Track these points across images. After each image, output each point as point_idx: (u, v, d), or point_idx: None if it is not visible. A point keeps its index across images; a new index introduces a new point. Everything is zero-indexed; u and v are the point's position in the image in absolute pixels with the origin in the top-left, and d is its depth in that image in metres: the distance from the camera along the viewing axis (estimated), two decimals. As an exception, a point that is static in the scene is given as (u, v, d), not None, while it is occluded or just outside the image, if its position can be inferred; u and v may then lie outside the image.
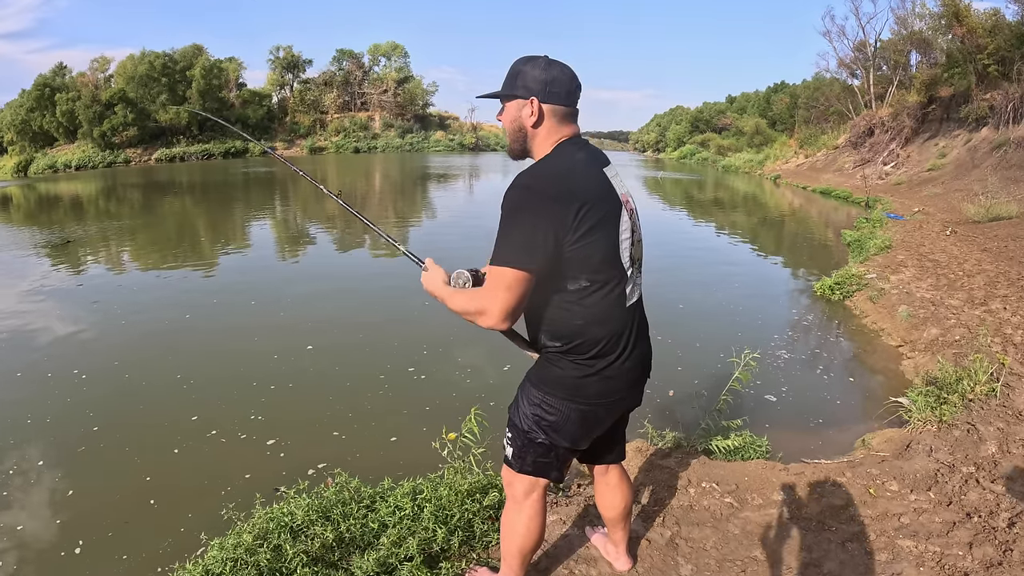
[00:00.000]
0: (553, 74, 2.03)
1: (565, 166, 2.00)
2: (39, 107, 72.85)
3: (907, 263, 10.28)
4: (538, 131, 2.07)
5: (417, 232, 17.10)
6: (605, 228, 1.99)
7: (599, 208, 1.97)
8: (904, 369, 6.43)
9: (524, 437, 2.23)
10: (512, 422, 2.28)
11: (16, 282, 11.13)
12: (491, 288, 1.95)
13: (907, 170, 27.52)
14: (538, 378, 2.20)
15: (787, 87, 59.28)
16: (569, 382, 2.12)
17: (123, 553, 3.88)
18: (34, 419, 5.64)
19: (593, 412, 2.17)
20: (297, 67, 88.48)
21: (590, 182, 2.00)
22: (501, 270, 1.91)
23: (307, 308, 9.12)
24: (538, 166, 2.03)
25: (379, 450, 5.01)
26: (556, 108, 2.05)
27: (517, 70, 2.07)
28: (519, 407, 2.25)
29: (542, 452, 2.22)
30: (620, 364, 2.13)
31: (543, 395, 2.17)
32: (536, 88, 2.03)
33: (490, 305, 1.94)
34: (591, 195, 1.96)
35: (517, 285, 1.91)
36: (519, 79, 2.05)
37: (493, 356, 6.69)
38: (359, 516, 3.07)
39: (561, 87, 2.04)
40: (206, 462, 4.93)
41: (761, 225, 18.86)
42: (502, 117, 2.14)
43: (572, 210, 1.91)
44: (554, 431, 2.17)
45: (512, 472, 2.30)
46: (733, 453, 4.15)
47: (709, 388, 5.67)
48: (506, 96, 2.10)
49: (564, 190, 1.93)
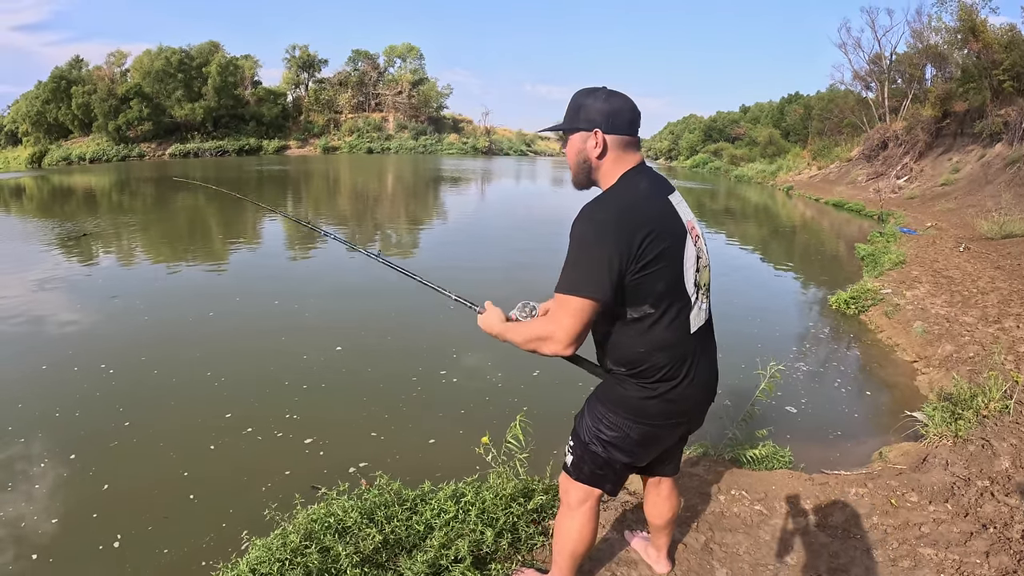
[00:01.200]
0: (615, 105, 2.09)
1: (631, 196, 2.06)
2: (55, 99, 73.25)
3: (921, 279, 10.40)
4: (603, 162, 2.12)
5: (428, 235, 17.25)
6: (669, 257, 2.06)
7: (664, 238, 2.04)
8: (919, 384, 6.57)
9: (584, 448, 2.33)
10: (575, 431, 2.39)
11: (34, 275, 11.30)
12: (557, 315, 2.03)
13: (920, 184, 27.58)
14: (604, 395, 2.29)
15: (801, 98, 59.22)
16: (632, 403, 2.20)
17: (164, 547, 3.95)
18: (63, 413, 5.73)
19: (653, 432, 2.26)
20: (313, 66, 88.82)
21: (655, 211, 2.07)
22: (567, 298, 2.00)
23: (331, 309, 9.30)
24: (604, 198, 2.09)
25: (418, 452, 5.12)
26: (619, 138, 2.10)
27: (579, 103, 2.12)
28: (584, 419, 2.36)
29: (600, 464, 2.32)
30: (683, 389, 2.19)
31: (606, 411, 2.27)
32: (599, 120, 2.08)
33: (556, 331, 2.03)
34: (656, 225, 2.02)
35: (582, 312, 1.99)
36: (581, 112, 2.11)
37: (522, 361, 6.84)
38: (403, 518, 3.13)
39: (623, 117, 2.09)
40: (244, 459, 5.03)
41: (773, 236, 18.96)
42: (566, 150, 2.19)
43: (637, 240, 1.97)
44: (613, 447, 2.27)
45: (569, 480, 2.42)
46: (759, 463, 4.32)
47: (733, 398, 5.81)
48: (569, 130, 2.15)
49: (629, 221, 1.99)
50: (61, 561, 3.90)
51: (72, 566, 3.87)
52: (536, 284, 10.44)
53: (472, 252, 14.65)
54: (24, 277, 11.11)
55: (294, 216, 2.77)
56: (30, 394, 6.20)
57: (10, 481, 4.70)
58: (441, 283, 2.72)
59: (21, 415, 5.72)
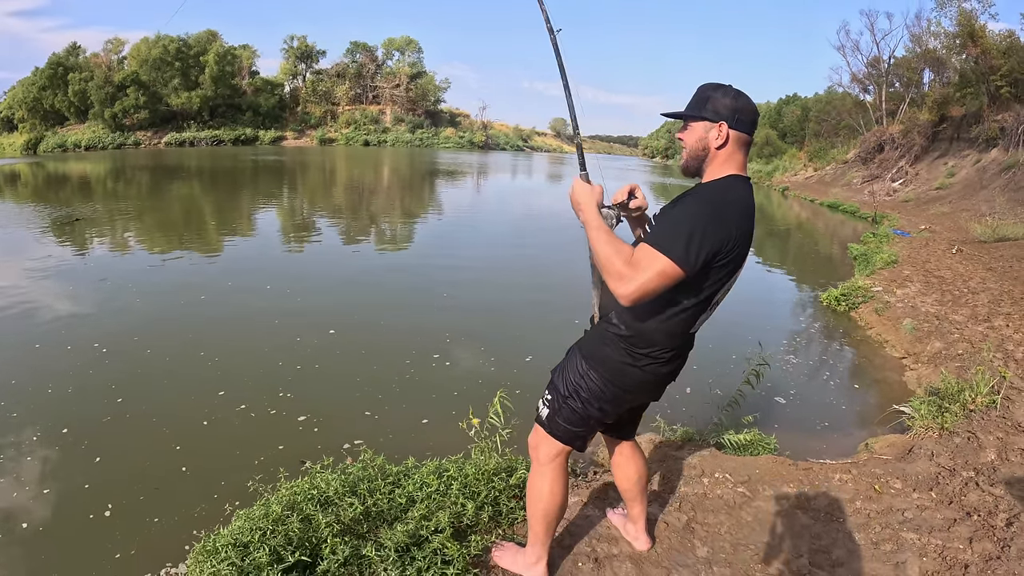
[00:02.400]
0: (742, 103, 2.16)
1: (745, 202, 2.16)
2: (51, 86, 73.15)
3: (913, 278, 10.43)
4: (719, 153, 2.19)
5: (423, 227, 17.25)
6: (732, 269, 2.18)
7: (741, 253, 2.17)
8: (907, 380, 6.59)
9: (563, 401, 2.42)
10: (553, 383, 2.47)
11: (26, 258, 11.31)
12: (645, 265, 2.01)
13: (915, 187, 27.66)
14: (589, 352, 2.40)
15: (799, 99, 59.33)
16: (613, 365, 2.32)
17: (154, 516, 3.99)
18: (55, 389, 5.77)
19: (622, 396, 2.39)
20: (311, 57, 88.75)
21: (749, 228, 2.17)
22: (661, 256, 2.01)
23: (324, 294, 9.30)
24: (726, 190, 2.16)
25: (411, 431, 5.15)
26: (740, 136, 2.18)
27: (706, 95, 2.19)
28: (564, 372, 2.44)
29: (575, 420, 2.41)
30: (659, 368, 2.32)
31: (588, 368, 2.37)
32: (726, 114, 2.15)
33: (635, 278, 2.00)
34: (744, 238, 2.13)
35: (666, 276, 2.01)
36: (709, 103, 2.18)
37: (515, 346, 6.88)
38: (385, 491, 3.16)
39: (748, 116, 2.17)
40: (237, 434, 5.10)
41: (768, 236, 18.99)
42: (684, 135, 2.25)
43: (732, 242, 2.09)
44: (589, 402, 2.37)
45: (541, 434, 2.50)
46: (743, 449, 4.33)
47: (721, 387, 5.84)
48: (693, 116, 2.22)
49: (738, 222, 2.10)
50: (51, 529, 3.93)
51: (62, 534, 3.90)
52: (541, 275, 10.47)
53: (468, 245, 14.68)
54: (16, 260, 11.09)
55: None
56: (21, 369, 6.22)
57: (1, 454, 4.70)
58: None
59: (14, 391, 5.72)
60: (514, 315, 8.70)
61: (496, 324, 8.14)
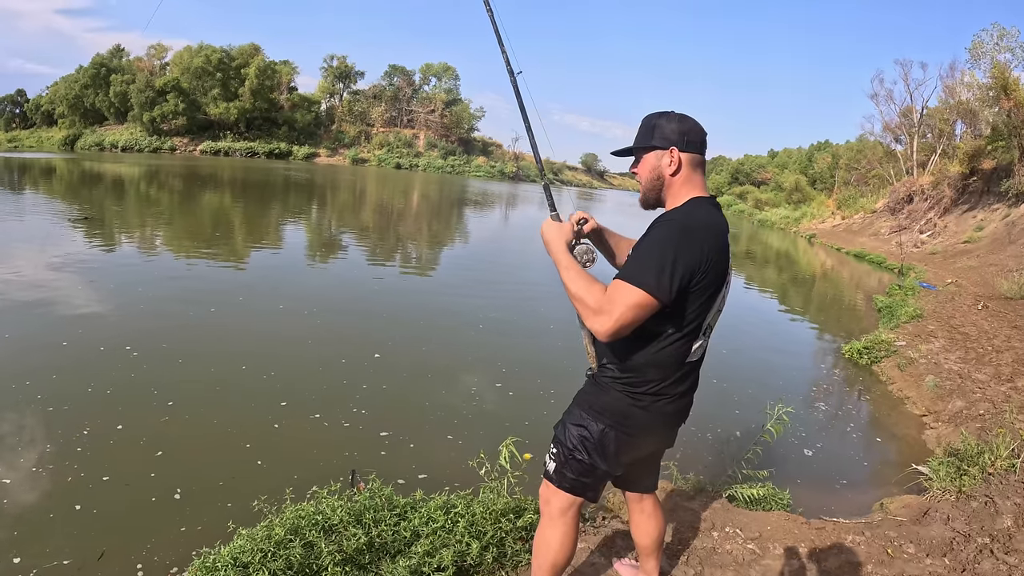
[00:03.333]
0: (688, 124, 2.18)
1: (713, 223, 2.13)
2: (93, 85, 74.98)
3: (937, 333, 10.30)
4: (675, 179, 2.19)
5: (448, 254, 17.31)
6: (712, 289, 2.14)
7: (717, 273, 2.12)
8: (926, 438, 6.47)
9: (569, 455, 2.35)
10: (557, 438, 2.42)
11: (48, 255, 11.49)
12: (618, 299, 2.00)
13: (943, 240, 27.37)
14: (587, 403, 2.35)
15: (830, 146, 59.33)
16: (616, 410, 2.26)
17: (227, 501, 4.19)
18: (95, 389, 5.84)
19: (630, 441, 2.31)
20: (349, 77, 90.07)
21: (721, 248, 2.13)
22: (633, 288, 2.00)
23: (368, 318, 9.35)
24: (690, 213, 2.15)
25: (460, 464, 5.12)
26: (693, 157, 2.19)
27: (653, 123, 2.21)
28: (566, 426, 2.39)
29: (582, 471, 2.34)
30: (664, 406, 2.26)
31: (589, 419, 2.31)
32: (675, 138, 2.16)
33: (611, 312, 1.99)
34: (717, 259, 2.09)
35: (640, 308, 2.00)
36: (656, 131, 2.20)
37: (561, 381, 6.87)
38: (390, 523, 3.14)
39: (697, 136, 2.19)
40: (309, 439, 5.26)
41: (793, 283, 18.87)
42: (638, 169, 2.27)
43: (707, 258, 2.05)
44: (596, 453, 2.30)
45: (551, 488, 2.43)
46: (755, 503, 4.27)
47: (737, 437, 5.78)
48: (643, 148, 2.24)
49: (707, 238, 2.07)
50: (126, 511, 4.13)
51: (139, 517, 4.07)
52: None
53: (501, 272, 14.68)
54: (43, 258, 11.24)
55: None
56: (51, 368, 6.29)
57: (57, 445, 4.84)
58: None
59: (56, 387, 5.85)
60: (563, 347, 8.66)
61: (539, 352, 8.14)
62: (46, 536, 3.78)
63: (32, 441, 4.86)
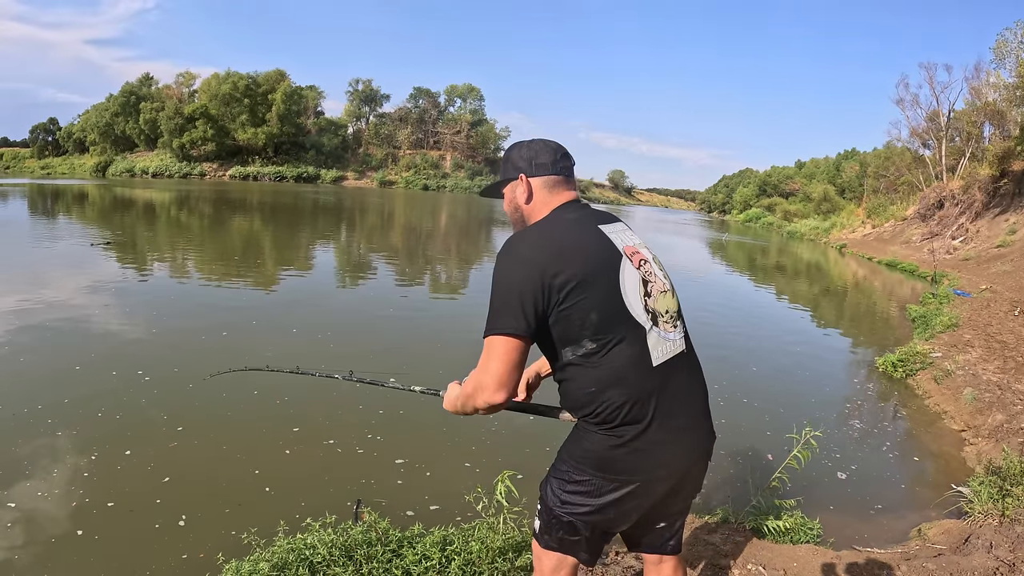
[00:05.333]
0: (535, 147, 2.10)
1: (547, 228, 1.99)
2: (123, 112, 77.03)
3: (974, 343, 9.97)
4: (532, 205, 2.09)
5: (475, 275, 17.23)
6: (597, 285, 1.89)
7: (583, 263, 1.89)
8: (966, 455, 6.21)
9: (550, 513, 2.07)
10: (541, 496, 2.12)
11: (67, 279, 11.66)
12: (483, 362, 1.90)
13: (975, 245, 26.78)
14: (568, 453, 2.04)
15: (858, 154, 58.66)
16: (598, 455, 1.94)
17: (231, 529, 4.09)
18: (105, 414, 5.83)
19: (627, 491, 1.96)
20: (374, 100, 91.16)
21: (574, 239, 1.95)
22: (490, 339, 1.88)
23: (383, 341, 9.24)
24: (522, 232, 2.03)
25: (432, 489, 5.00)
26: (544, 179, 2.09)
27: (506, 157, 2.16)
28: (549, 481, 2.10)
29: (568, 530, 2.04)
30: (654, 433, 1.91)
31: (570, 469, 2.01)
32: (523, 166, 2.09)
33: (482, 377, 1.88)
34: (572, 251, 1.90)
35: (507, 353, 1.86)
36: (509, 164, 2.14)
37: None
38: (383, 560, 3.03)
39: (545, 157, 2.09)
40: (321, 466, 5.19)
41: (825, 295, 18.53)
42: (504, 206, 2.19)
43: (551, 270, 1.84)
44: (582, 510, 2.00)
45: (539, 548, 2.15)
46: (783, 535, 4.01)
47: (766, 461, 5.58)
48: (503, 183, 2.17)
49: (542, 249, 1.89)
50: (129, 538, 4.10)
51: (139, 542, 4.06)
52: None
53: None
54: (62, 282, 11.38)
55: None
56: (65, 392, 6.29)
57: (62, 469, 4.85)
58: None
59: (65, 410, 5.88)
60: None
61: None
62: (46, 562, 3.77)
63: (40, 466, 4.85)
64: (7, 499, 4.37)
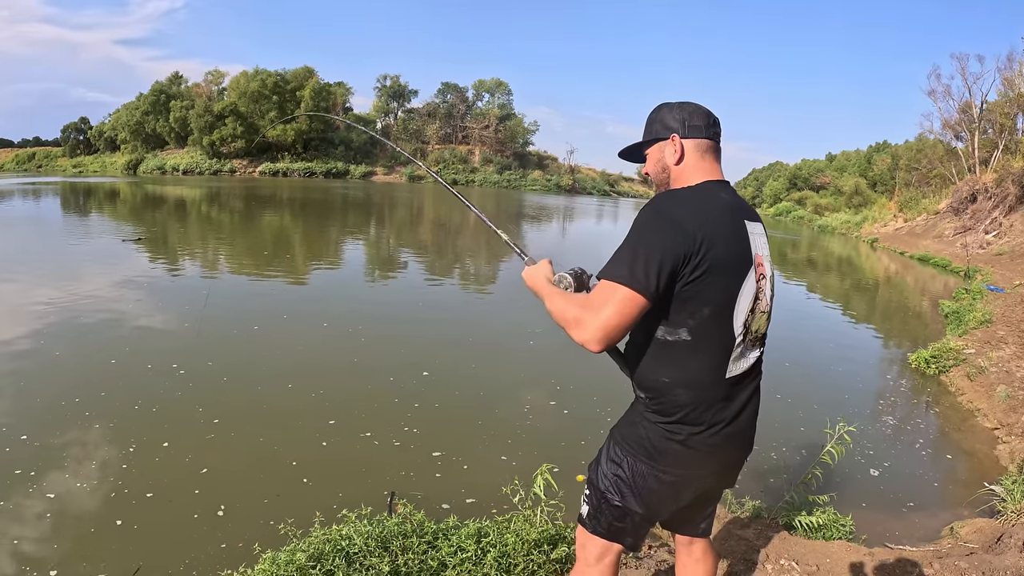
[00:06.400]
0: (689, 109, 2.03)
1: (702, 199, 1.92)
2: (154, 111, 77.87)
3: (1008, 339, 9.83)
4: (682, 168, 2.02)
5: (503, 268, 17.26)
6: (725, 277, 1.87)
7: (725, 253, 1.86)
8: (999, 454, 6.15)
9: (601, 498, 2.08)
10: (590, 479, 2.16)
11: (100, 274, 11.95)
12: (596, 302, 1.81)
13: (1009, 240, 26.29)
14: (622, 436, 2.07)
15: (889, 147, 57.62)
16: (650, 445, 1.98)
17: (269, 519, 4.14)
18: (142, 407, 5.94)
19: (672, 482, 2.01)
20: (402, 96, 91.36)
21: (723, 224, 1.89)
22: (612, 285, 1.80)
23: (415, 336, 9.27)
24: (679, 192, 1.97)
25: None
26: (698, 142, 2.01)
27: (654, 117, 2.08)
28: (599, 465, 2.13)
29: (618, 515, 2.06)
30: (707, 437, 1.95)
31: (624, 455, 2.04)
32: (675, 126, 2.01)
33: (591, 319, 1.80)
34: (720, 236, 1.85)
35: (624, 305, 1.78)
36: (657, 123, 2.06)
37: (619, 399, 6.69)
38: (419, 551, 3.03)
39: (698, 120, 2.02)
40: (359, 458, 5.27)
41: (856, 289, 18.34)
42: (647, 167, 2.12)
43: (696, 243, 1.79)
44: (632, 496, 2.03)
45: (585, 533, 2.16)
46: (815, 531, 4.02)
47: (800, 457, 5.57)
48: (648, 143, 2.10)
49: (694, 220, 1.82)
50: (167, 526, 4.20)
51: (178, 531, 4.15)
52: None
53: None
54: (95, 277, 11.66)
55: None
56: (101, 385, 6.46)
57: (101, 461, 4.95)
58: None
59: (104, 403, 6.01)
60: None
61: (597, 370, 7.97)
62: (85, 550, 3.86)
63: (79, 457, 4.97)
64: (47, 490, 4.48)
